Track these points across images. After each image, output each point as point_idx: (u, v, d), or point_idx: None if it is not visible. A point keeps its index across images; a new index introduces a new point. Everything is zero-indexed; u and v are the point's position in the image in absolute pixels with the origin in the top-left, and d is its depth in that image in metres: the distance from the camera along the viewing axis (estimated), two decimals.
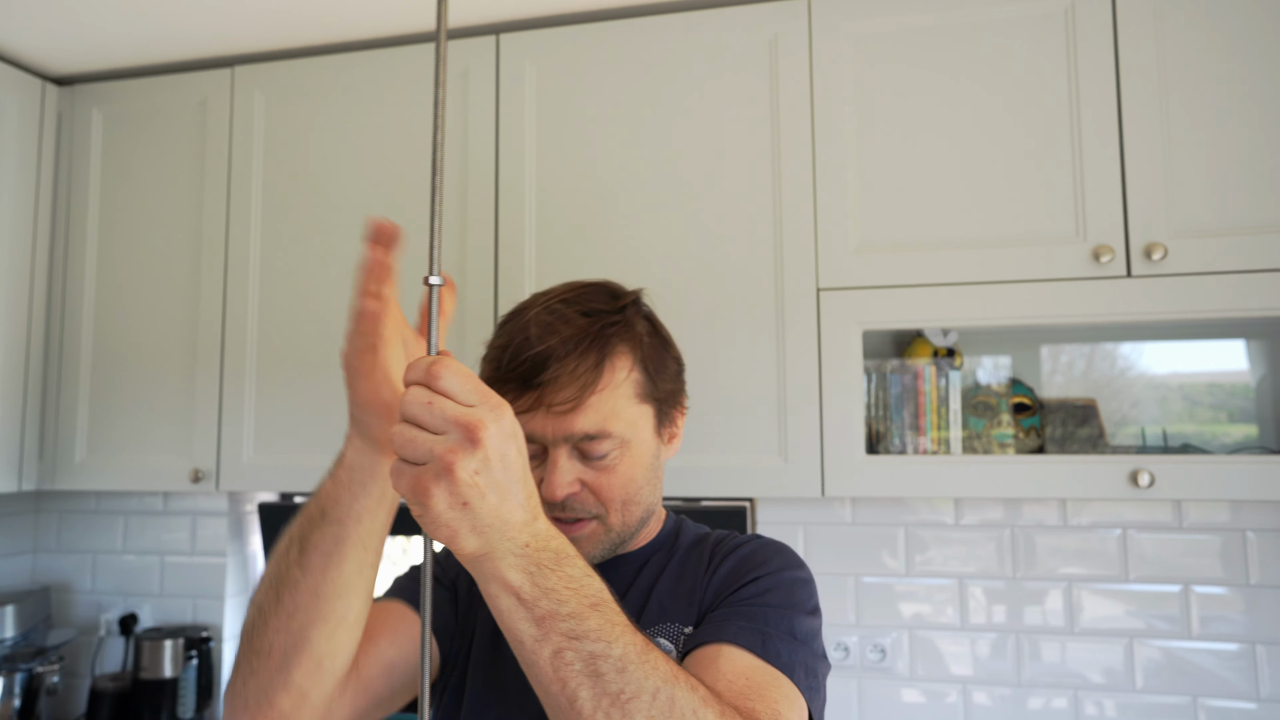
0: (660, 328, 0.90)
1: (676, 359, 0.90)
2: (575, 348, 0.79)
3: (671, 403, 0.88)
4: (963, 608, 1.57)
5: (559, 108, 1.53)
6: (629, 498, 0.82)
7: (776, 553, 0.85)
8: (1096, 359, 1.56)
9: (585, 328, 0.80)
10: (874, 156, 1.40)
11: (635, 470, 0.82)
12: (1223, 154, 1.28)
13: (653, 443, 0.85)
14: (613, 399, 0.80)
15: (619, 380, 0.81)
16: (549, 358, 0.78)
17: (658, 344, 0.87)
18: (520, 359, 0.79)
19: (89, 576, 1.98)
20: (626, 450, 0.81)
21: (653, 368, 0.84)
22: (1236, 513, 1.48)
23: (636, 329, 0.84)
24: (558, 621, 0.57)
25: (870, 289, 1.37)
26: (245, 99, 1.69)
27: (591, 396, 0.79)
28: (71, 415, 1.72)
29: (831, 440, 1.36)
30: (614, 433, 0.80)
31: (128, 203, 1.75)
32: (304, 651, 0.69)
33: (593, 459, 0.80)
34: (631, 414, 0.82)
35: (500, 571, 0.57)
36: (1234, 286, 1.25)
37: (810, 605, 0.81)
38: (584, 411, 0.79)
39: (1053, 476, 1.30)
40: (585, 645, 0.57)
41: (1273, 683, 1.45)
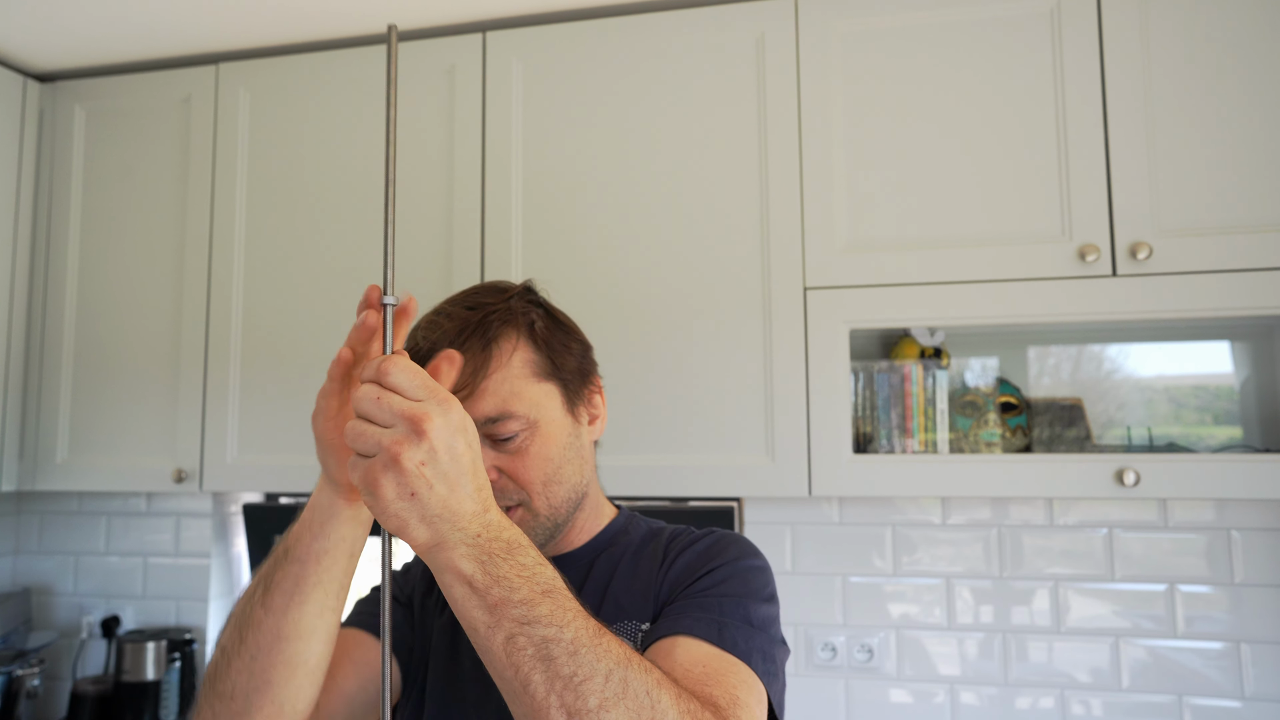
0: (557, 313, 0.90)
1: (581, 341, 0.90)
2: (458, 337, 0.80)
3: (580, 381, 0.87)
4: (950, 607, 1.57)
5: (545, 106, 1.53)
6: (549, 478, 0.82)
7: (732, 543, 0.86)
8: (1084, 361, 1.56)
9: (468, 319, 0.81)
10: (860, 156, 1.40)
11: (549, 449, 0.82)
12: (1207, 154, 1.29)
13: (564, 421, 0.84)
14: (508, 380, 0.81)
15: (510, 361, 0.81)
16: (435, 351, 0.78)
17: (552, 325, 0.87)
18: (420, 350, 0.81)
19: (71, 578, 1.96)
20: (536, 431, 0.81)
21: (549, 348, 0.84)
22: (1221, 512, 1.49)
23: (525, 314, 0.84)
24: (510, 608, 0.58)
25: (857, 288, 1.37)
26: (230, 96, 1.68)
27: (484, 381, 0.79)
28: (53, 415, 1.70)
29: (818, 439, 1.36)
30: (517, 412, 0.80)
31: (111, 200, 1.74)
32: (266, 695, 0.70)
33: (502, 443, 0.80)
34: (533, 393, 0.82)
35: (453, 561, 0.58)
36: (1218, 286, 1.26)
37: (766, 592, 0.82)
38: (480, 396, 0.79)
39: (1038, 476, 1.30)
40: (537, 630, 0.57)
41: (1257, 681, 1.45)
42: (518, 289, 0.88)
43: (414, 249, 1.55)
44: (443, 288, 1.52)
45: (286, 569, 0.70)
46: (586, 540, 0.90)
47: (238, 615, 0.71)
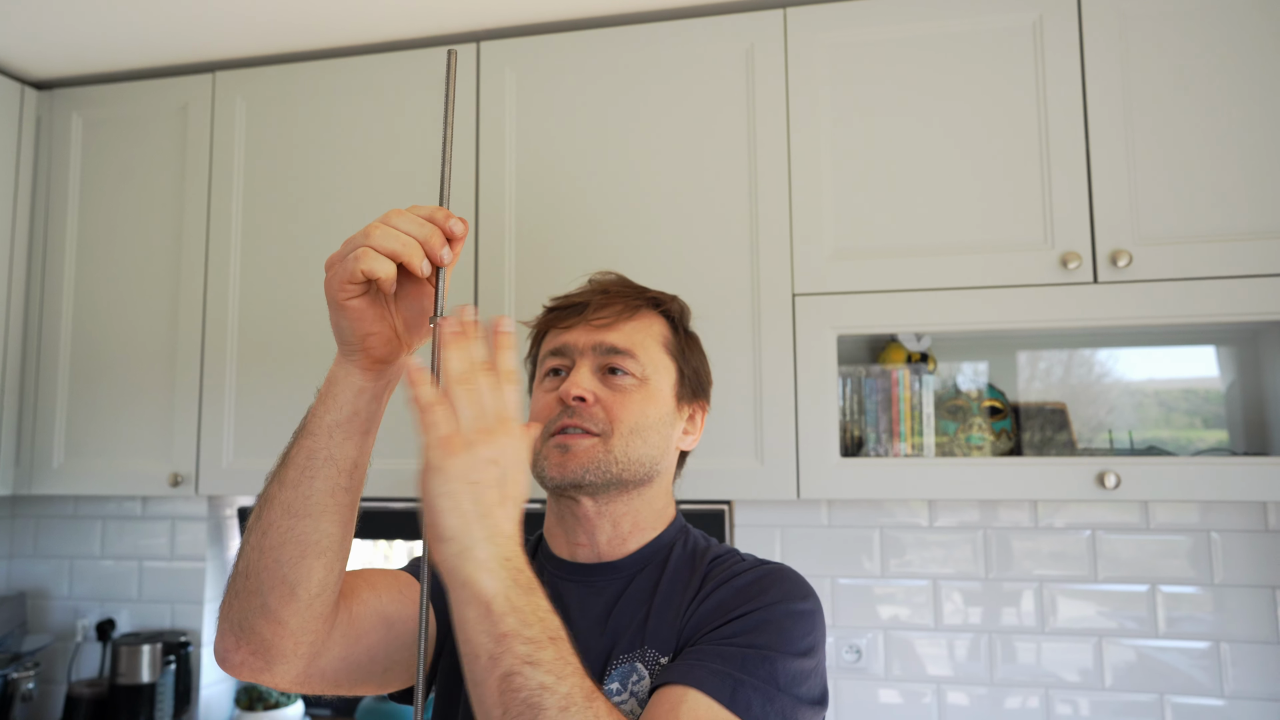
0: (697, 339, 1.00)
1: (707, 368, 1.00)
2: (623, 292, 0.92)
3: (696, 382, 0.95)
4: (937, 609, 1.60)
5: (539, 115, 1.55)
6: (637, 426, 0.85)
7: (775, 583, 0.78)
8: (1073, 366, 1.59)
9: (632, 285, 0.95)
10: (848, 164, 1.43)
11: (646, 407, 0.87)
12: (1186, 164, 1.32)
13: (669, 400, 0.90)
14: (644, 334, 0.90)
15: (651, 324, 0.91)
16: (594, 293, 0.92)
17: (691, 337, 0.97)
18: (576, 293, 0.93)
19: (66, 582, 1.97)
20: (644, 385, 0.87)
21: (683, 337, 0.94)
22: (1202, 514, 1.52)
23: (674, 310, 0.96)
24: (517, 643, 0.57)
25: (845, 294, 1.40)
26: (226, 104, 1.70)
27: (627, 323, 0.89)
28: (49, 419, 1.72)
29: (807, 443, 1.38)
30: (639, 356, 0.88)
31: (108, 207, 1.75)
32: (275, 573, 0.69)
33: (611, 375, 0.87)
34: (656, 356, 0.90)
35: (477, 575, 0.57)
36: (1196, 292, 1.29)
37: (804, 644, 0.75)
38: (618, 329, 0.88)
39: (1022, 478, 1.33)
40: (537, 674, 0.57)
41: (1237, 680, 1.48)
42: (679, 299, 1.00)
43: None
44: None
45: (300, 443, 0.70)
46: (636, 549, 0.87)
47: (260, 494, 0.73)
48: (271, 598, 0.69)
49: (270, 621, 0.69)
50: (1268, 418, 1.48)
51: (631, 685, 0.76)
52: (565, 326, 0.90)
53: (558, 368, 0.89)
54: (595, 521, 0.86)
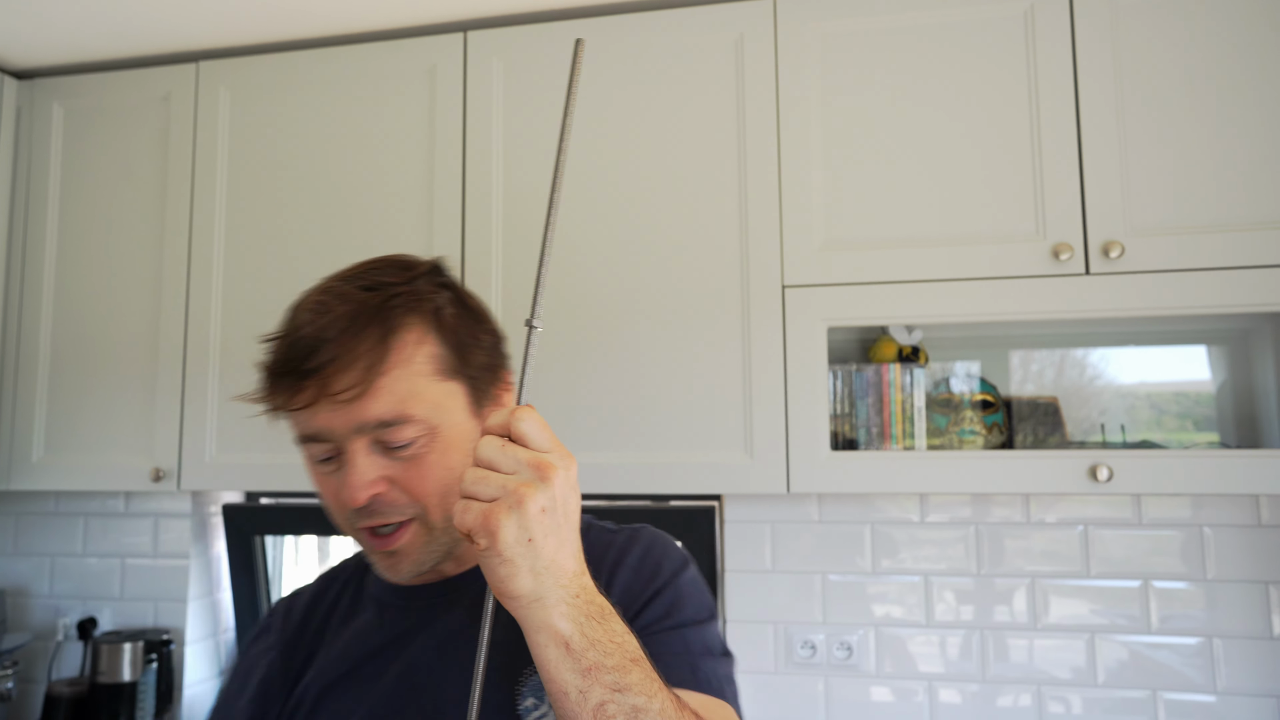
0: (468, 298, 0.79)
1: (493, 332, 0.80)
2: (352, 325, 0.69)
3: (489, 379, 0.78)
4: (928, 605, 1.58)
5: (526, 105, 1.53)
6: (448, 489, 0.72)
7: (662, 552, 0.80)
8: (1065, 368, 1.57)
9: (365, 302, 0.71)
10: (838, 155, 1.41)
11: (451, 458, 0.72)
12: (1178, 155, 1.31)
13: (469, 425, 0.75)
14: (407, 379, 0.71)
15: (411, 356, 0.71)
16: (323, 340, 0.69)
17: (463, 315, 0.77)
18: (292, 346, 0.71)
19: (47, 580, 1.94)
20: (436, 437, 0.72)
21: (457, 340, 0.75)
22: (1194, 509, 1.51)
23: (432, 300, 0.74)
24: (603, 674, 0.57)
25: (835, 286, 1.38)
26: (210, 95, 1.68)
27: (380, 378, 0.69)
28: (29, 414, 1.69)
29: (797, 436, 1.36)
30: (415, 416, 0.70)
31: (89, 198, 1.73)
32: None
33: (396, 450, 0.71)
34: (435, 394, 0.72)
35: (551, 619, 0.57)
36: (1188, 284, 1.28)
37: (711, 605, 0.78)
38: (374, 396, 0.69)
39: (1014, 472, 1.31)
40: (628, 699, 0.57)
41: (1229, 675, 1.47)
42: (424, 267, 0.77)
43: (392, 248, 1.55)
44: None
45: None
46: None
47: None
48: None
49: None
50: (1258, 417, 1.47)
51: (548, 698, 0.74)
52: (304, 407, 0.70)
53: (325, 455, 0.72)
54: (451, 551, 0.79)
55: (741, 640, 1.64)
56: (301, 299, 0.75)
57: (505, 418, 0.58)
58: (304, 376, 0.69)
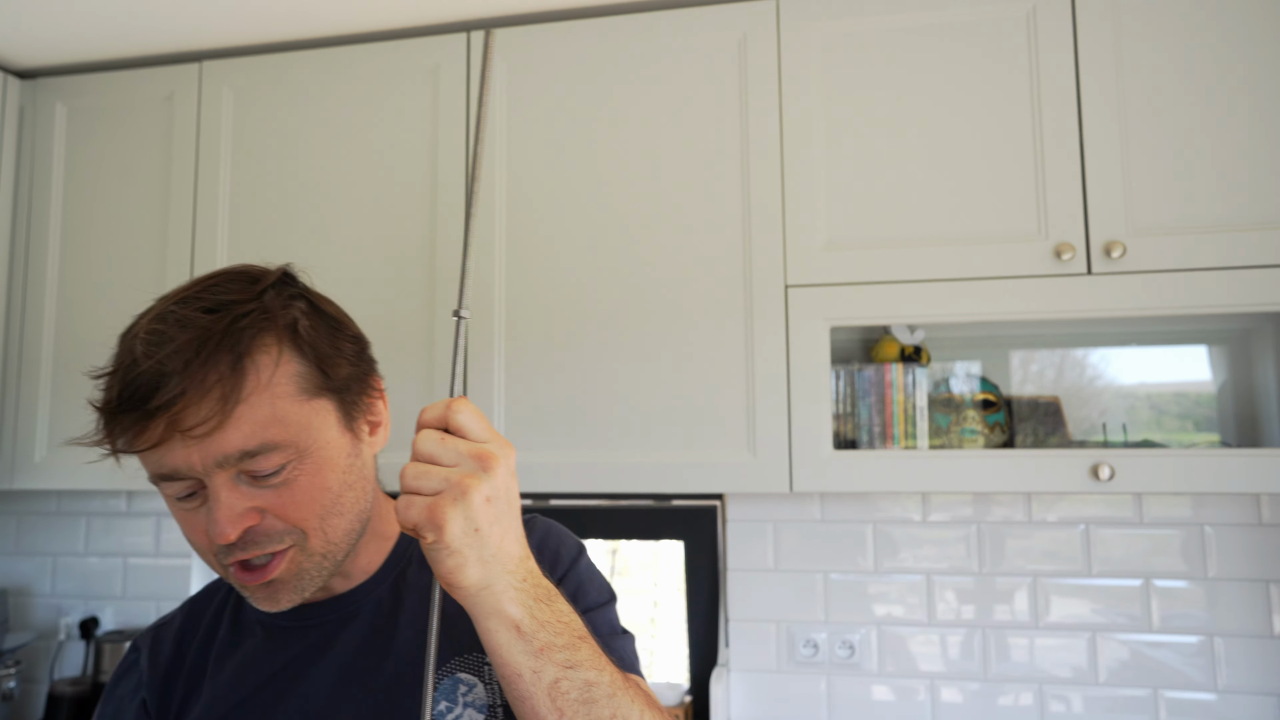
0: (323, 304, 0.74)
1: (355, 338, 0.75)
2: (199, 353, 0.63)
3: (358, 388, 0.73)
4: (930, 604, 1.59)
5: (529, 105, 1.53)
6: (327, 511, 0.69)
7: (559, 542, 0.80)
8: (1066, 369, 1.57)
9: (209, 326, 0.64)
10: (841, 155, 1.41)
11: (326, 478, 0.68)
12: (1180, 154, 1.31)
13: (341, 442, 0.70)
14: (268, 404, 0.65)
15: (269, 380, 0.66)
16: (165, 375, 0.62)
17: (320, 325, 0.71)
18: (131, 383, 0.63)
19: (49, 579, 1.94)
20: (306, 459, 0.67)
21: (317, 355, 0.69)
22: (1195, 508, 1.51)
23: (286, 314, 0.69)
24: (555, 653, 0.58)
25: (838, 285, 1.39)
26: (213, 94, 1.68)
27: (238, 407, 0.64)
28: (31, 413, 1.69)
29: (800, 435, 1.37)
30: (280, 442, 0.65)
31: (92, 198, 1.73)
32: None
33: (264, 478, 0.66)
34: (300, 416, 0.67)
35: (501, 605, 0.57)
36: (1190, 284, 1.28)
37: (608, 588, 0.80)
38: (233, 426, 0.63)
39: (1016, 470, 1.32)
40: (580, 674, 0.59)
41: (1230, 674, 1.47)
42: (272, 278, 0.71)
43: (396, 249, 1.56)
44: (425, 288, 1.53)
45: None
46: (379, 566, 0.78)
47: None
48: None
49: None
50: (1259, 417, 1.47)
51: (462, 696, 0.72)
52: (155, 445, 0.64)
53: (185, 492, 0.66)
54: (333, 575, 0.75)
55: (744, 639, 1.64)
56: (133, 326, 0.67)
57: (441, 410, 0.58)
58: (150, 415, 0.62)
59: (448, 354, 1.51)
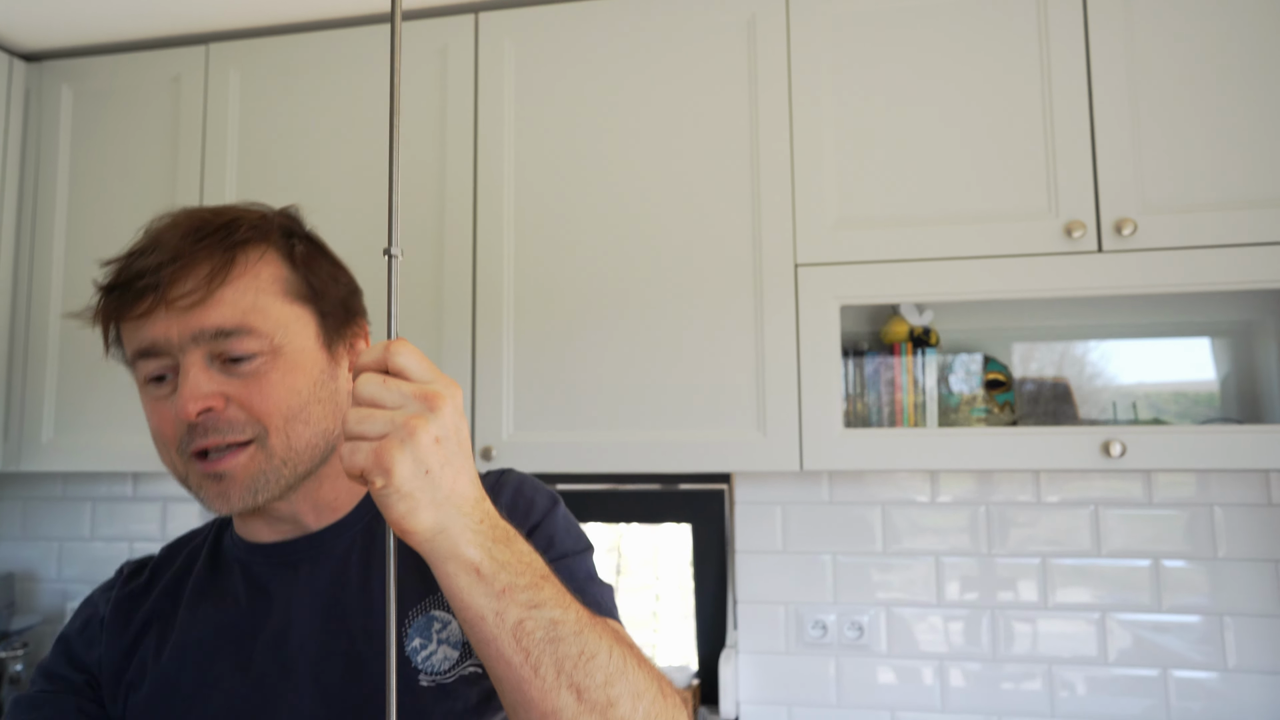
0: (322, 245, 0.79)
1: (350, 281, 0.80)
2: (195, 235, 0.69)
3: (344, 316, 0.77)
4: (939, 585, 1.59)
5: (538, 85, 1.53)
6: (293, 413, 0.70)
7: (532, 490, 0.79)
8: (1066, 365, 1.57)
9: (210, 220, 0.71)
10: (851, 133, 1.41)
11: (296, 381, 0.70)
12: (1191, 131, 1.31)
13: (318, 355, 0.73)
14: (252, 292, 0.70)
15: (257, 271, 0.71)
16: (163, 247, 0.69)
17: (315, 253, 0.77)
18: (130, 259, 0.71)
19: (55, 565, 1.94)
20: (279, 357, 0.70)
21: (307, 270, 0.74)
22: (1204, 488, 1.51)
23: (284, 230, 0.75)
24: (517, 593, 0.57)
25: (848, 264, 1.38)
26: (220, 77, 1.67)
27: (223, 288, 0.69)
28: (38, 395, 1.69)
29: (810, 413, 1.37)
30: (258, 329, 0.69)
31: (98, 181, 1.73)
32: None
33: (235, 363, 0.69)
34: (280, 313, 0.71)
35: (458, 548, 0.56)
36: (1201, 261, 1.28)
37: (585, 538, 0.79)
38: (215, 304, 0.68)
39: (1026, 448, 1.32)
40: (545, 613, 0.57)
41: (1239, 653, 1.47)
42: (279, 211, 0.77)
43: (404, 230, 1.55)
44: (434, 269, 1.53)
45: None
46: (351, 508, 0.78)
47: None
48: None
49: None
50: (1262, 409, 1.47)
51: (436, 634, 0.72)
52: (141, 315, 0.69)
53: (159, 373, 0.70)
54: (293, 510, 0.76)
55: (753, 621, 1.64)
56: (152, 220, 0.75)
57: (380, 353, 0.55)
58: (143, 289, 0.68)
59: (455, 333, 1.50)
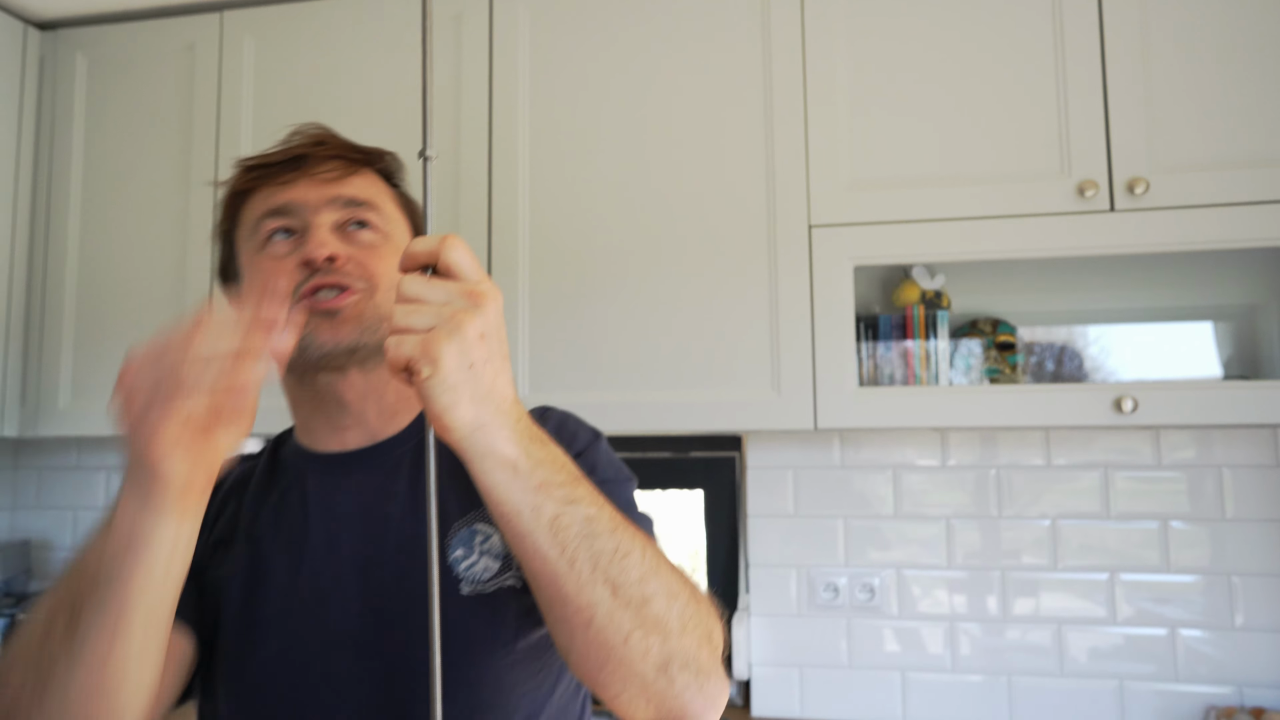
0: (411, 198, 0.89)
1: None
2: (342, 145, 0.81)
3: None
4: (949, 547, 1.60)
5: (552, 49, 1.54)
6: (391, 288, 0.76)
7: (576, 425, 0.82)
8: (1065, 359, 1.57)
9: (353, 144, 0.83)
10: (865, 95, 1.42)
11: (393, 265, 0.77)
12: (1202, 90, 1.32)
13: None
14: (375, 188, 0.82)
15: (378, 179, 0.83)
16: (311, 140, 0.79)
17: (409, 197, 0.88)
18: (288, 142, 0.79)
19: (70, 532, 1.95)
20: (388, 241, 0.79)
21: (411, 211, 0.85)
22: (1212, 449, 1.53)
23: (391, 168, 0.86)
24: (553, 490, 0.58)
25: (861, 225, 1.40)
26: (234, 44, 1.68)
27: (355, 175, 0.80)
28: (55, 362, 1.70)
29: (824, 373, 1.38)
30: (381, 209, 0.80)
31: (113, 148, 1.73)
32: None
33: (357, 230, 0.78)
34: (393, 213, 0.82)
35: (496, 444, 0.56)
36: (1212, 219, 1.29)
37: (628, 472, 0.81)
38: (350, 182, 0.79)
39: (1038, 405, 1.33)
40: (580, 509, 0.58)
41: (1247, 612, 1.49)
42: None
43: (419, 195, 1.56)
44: (449, 231, 1.53)
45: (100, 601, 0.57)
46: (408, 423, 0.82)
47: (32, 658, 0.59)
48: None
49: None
50: None
51: (479, 545, 0.75)
52: (283, 183, 0.78)
53: (286, 228, 0.77)
54: (363, 398, 0.79)
55: (765, 584, 1.65)
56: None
57: (434, 244, 0.56)
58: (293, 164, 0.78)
59: None
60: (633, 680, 0.59)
